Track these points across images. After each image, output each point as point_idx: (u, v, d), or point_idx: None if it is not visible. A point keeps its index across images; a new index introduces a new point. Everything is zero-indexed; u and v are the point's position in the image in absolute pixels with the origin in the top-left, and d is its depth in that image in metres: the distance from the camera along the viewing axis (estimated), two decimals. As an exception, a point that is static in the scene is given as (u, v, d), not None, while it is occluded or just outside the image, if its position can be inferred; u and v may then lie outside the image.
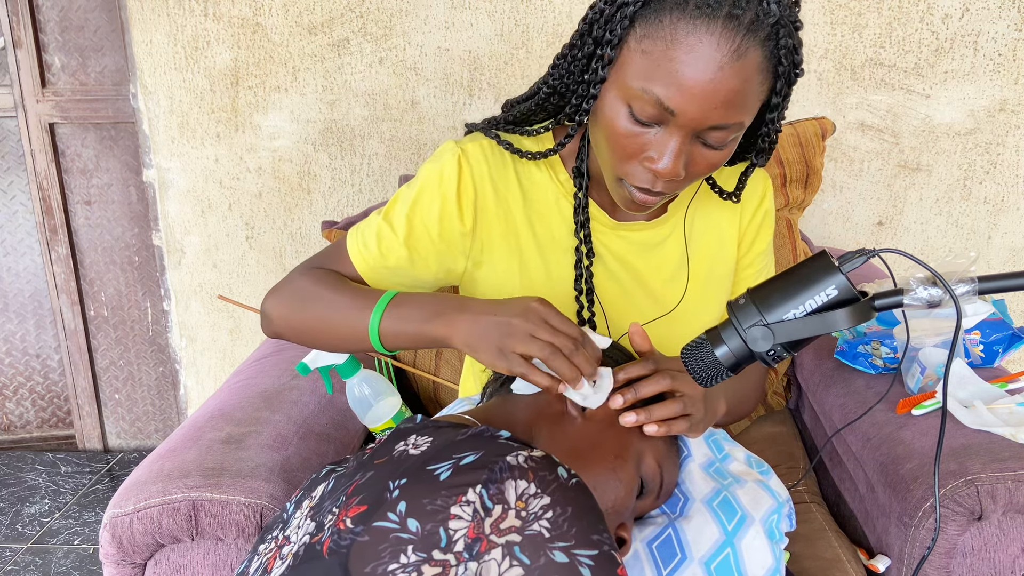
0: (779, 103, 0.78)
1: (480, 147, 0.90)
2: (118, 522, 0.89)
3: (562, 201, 0.93)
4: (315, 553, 0.57)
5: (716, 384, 0.75)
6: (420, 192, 0.90)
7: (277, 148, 1.86)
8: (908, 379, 1.14)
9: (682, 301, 0.96)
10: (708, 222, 0.98)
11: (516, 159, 0.92)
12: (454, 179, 0.88)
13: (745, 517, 0.76)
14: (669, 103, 0.71)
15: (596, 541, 0.54)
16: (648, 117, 0.73)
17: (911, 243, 1.88)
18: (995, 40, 1.70)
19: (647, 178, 0.77)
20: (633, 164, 0.77)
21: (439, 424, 0.68)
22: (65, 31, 1.99)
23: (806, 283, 0.66)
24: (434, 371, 1.43)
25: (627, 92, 0.73)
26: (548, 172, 0.93)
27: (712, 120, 0.72)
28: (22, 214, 2.16)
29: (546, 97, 0.86)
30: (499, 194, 0.91)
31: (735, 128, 0.74)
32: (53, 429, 2.34)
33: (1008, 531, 0.91)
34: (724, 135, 0.74)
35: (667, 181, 0.77)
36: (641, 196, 0.80)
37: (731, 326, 0.70)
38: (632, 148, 0.76)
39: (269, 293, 0.92)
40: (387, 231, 0.90)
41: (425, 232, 0.90)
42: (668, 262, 0.96)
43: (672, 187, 0.79)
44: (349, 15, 1.75)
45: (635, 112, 0.73)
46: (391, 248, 0.90)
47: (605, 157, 0.81)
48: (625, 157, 0.77)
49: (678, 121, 0.72)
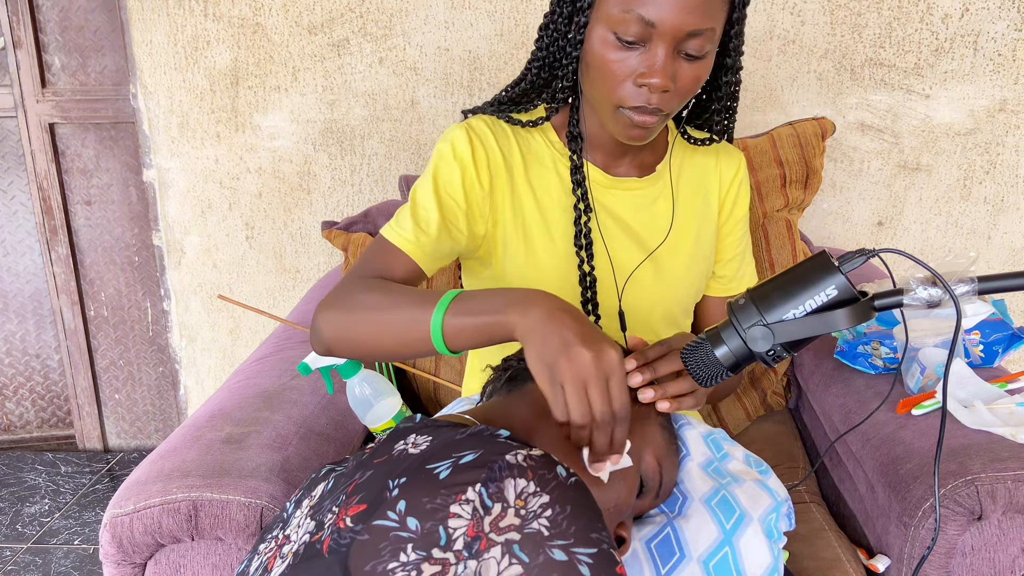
0: (739, 17, 0.88)
1: (482, 120, 0.99)
2: (118, 522, 0.89)
3: (559, 164, 1.00)
4: (315, 552, 0.57)
5: (716, 384, 0.75)
6: (437, 168, 0.96)
7: (277, 148, 1.86)
8: (908, 379, 1.14)
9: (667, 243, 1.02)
10: (693, 176, 1.07)
11: (516, 130, 1.00)
12: (467, 147, 0.95)
13: (743, 516, 0.76)
14: (649, 16, 0.80)
15: (595, 539, 0.54)
16: (633, 35, 0.82)
17: (911, 243, 1.89)
18: (995, 40, 1.71)
19: (642, 95, 0.85)
20: (627, 86, 0.85)
21: (438, 423, 0.68)
22: (65, 31, 1.99)
23: (806, 283, 0.66)
24: (434, 371, 1.43)
25: (610, 21, 0.83)
26: (544, 140, 1.01)
27: (688, 25, 0.81)
28: (22, 214, 2.16)
29: (537, 71, 0.96)
30: (506, 160, 0.98)
31: (709, 34, 0.83)
32: (53, 429, 2.35)
33: (1008, 531, 0.91)
34: (701, 42, 0.83)
35: (660, 94, 0.84)
36: (639, 117, 0.87)
37: (731, 326, 0.70)
38: (624, 71, 0.85)
39: (319, 308, 0.89)
40: (418, 209, 0.95)
41: (452, 200, 0.95)
42: (659, 219, 1.03)
43: (665, 101, 0.86)
44: (349, 15, 1.76)
45: (621, 35, 0.83)
46: (427, 220, 0.94)
47: (600, 93, 0.88)
48: (618, 81, 0.85)
49: (659, 31, 0.81)
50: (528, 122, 0.99)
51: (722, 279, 1.11)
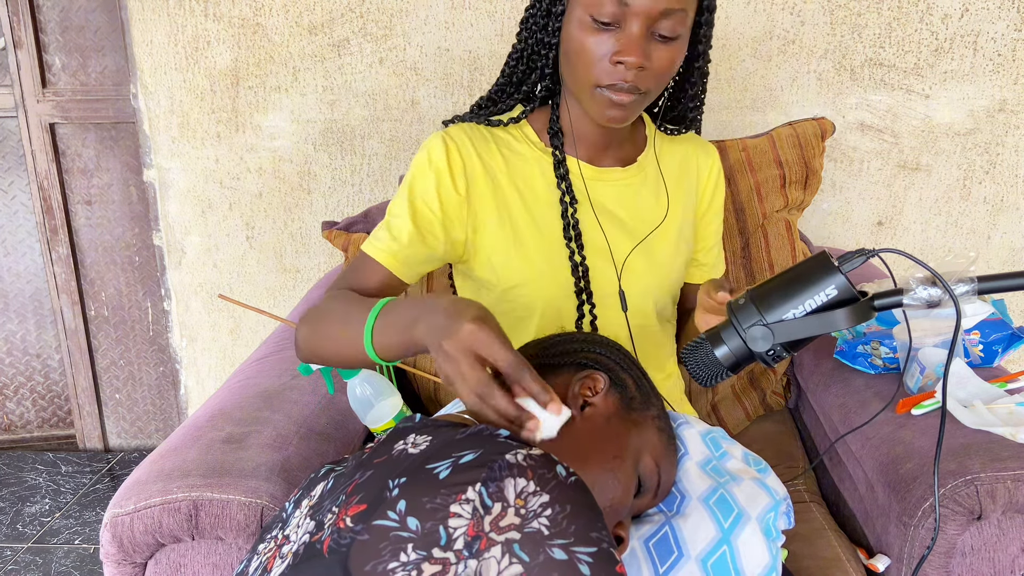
0: (710, 4, 0.91)
1: (460, 127, 1.01)
2: (119, 521, 0.89)
3: (542, 161, 1.03)
4: (315, 552, 0.57)
5: (716, 384, 0.75)
6: (414, 178, 0.99)
7: (277, 148, 1.87)
8: (908, 379, 1.14)
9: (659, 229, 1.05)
10: (674, 165, 1.10)
11: (495, 135, 1.02)
12: (443, 155, 0.98)
13: (742, 515, 0.76)
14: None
15: (595, 539, 0.54)
16: (608, 16, 0.85)
17: (911, 243, 1.89)
18: (995, 40, 1.71)
19: (618, 72, 0.88)
20: (603, 65, 0.88)
21: (438, 423, 0.68)
22: (65, 31, 1.99)
23: (806, 283, 0.66)
24: (434, 371, 1.43)
25: (586, 4, 0.86)
26: (524, 140, 1.03)
27: (660, 4, 0.84)
28: (22, 214, 2.16)
29: (515, 64, 1.00)
30: (485, 164, 1.00)
31: (681, 16, 0.86)
32: (53, 429, 2.35)
33: (1008, 531, 0.91)
34: (673, 23, 0.86)
35: (636, 71, 0.87)
36: (616, 96, 0.90)
37: (731, 326, 0.70)
38: (600, 51, 0.88)
39: (299, 322, 0.95)
40: (393, 220, 0.98)
41: (427, 208, 0.98)
42: (644, 208, 1.06)
43: (641, 79, 0.89)
44: (349, 15, 1.76)
45: (596, 16, 0.86)
46: (401, 230, 0.97)
47: (579, 75, 0.91)
48: (595, 61, 0.88)
49: (632, 10, 0.84)
50: (509, 120, 1.02)
51: (704, 266, 1.17)
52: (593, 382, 0.79)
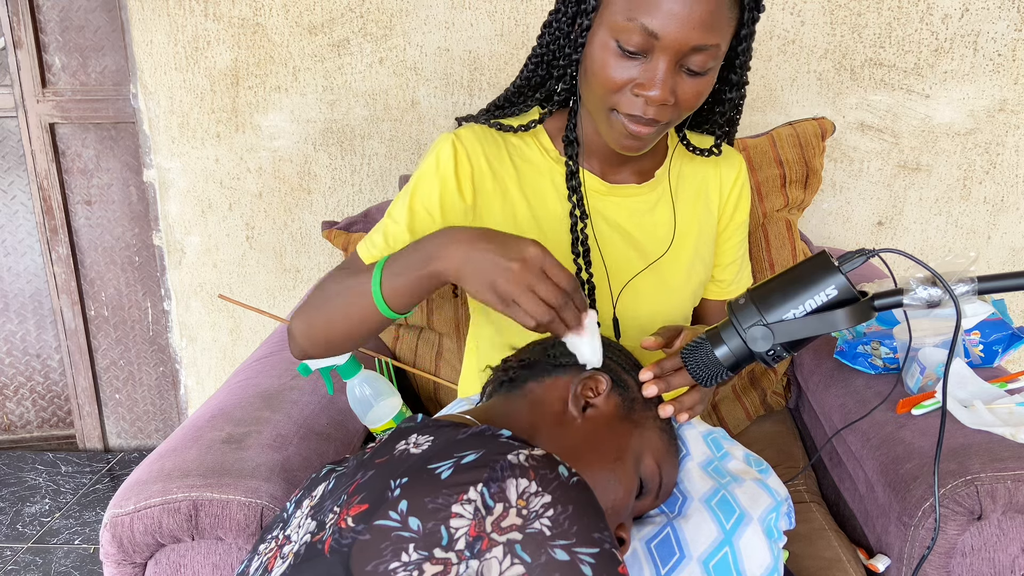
0: (747, 34, 0.84)
1: (472, 130, 0.96)
2: (118, 522, 0.89)
3: (554, 171, 0.98)
4: (316, 552, 0.57)
5: (716, 384, 0.75)
6: (419, 181, 0.94)
7: (277, 148, 1.87)
8: (908, 379, 1.14)
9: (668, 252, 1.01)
10: (694, 183, 1.05)
11: (507, 140, 0.98)
12: (451, 160, 0.93)
13: (743, 516, 0.76)
14: (653, 27, 0.77)
15: (597, 539, 0.54)
16: (635, 46, 0.79)
17: (911, 243, 1.89)
18: (995, 40, 1.71)
19: (638, 105, 0.83)
20: (624, 93, 0.83)
21: (440, 423, 0.68)
22: (65, 31, 1.99)
23: (806, 283, 0.66)
24: (434, 371, 1.43)
25: (614, 27, 0.80)
26: (538, 148, 0.98)
27: (692, 41, 0.78)
28: (22, 214, 2.16)
29: (534, 67, 0.94)
30: (495, 171, 0.96)
31: (713, 51, 0.80)
32: (53, 429, 2.35)
33: (1008, 531, 0.91)
34: (704, 58, 0.80)
35: (658, 107, 0.82)
36: (633, 126, 0.85)
37: (731, 326, 0.70)
38: (622, 79, 0.82)
39: (291, 320, 0.94)
40: (391, 225, 0.94)
41: (428, 215, 0.93)
42: (659, 226, 1.02)
43: (663, 114, 0.83)
44: (349, 15, 1.76)
45: (623, 44, 0.80)
46: (397, 238, 0.93)
47: (597, 96, 0.86)
48: (616, 88, 0.83)
49: (662, 44, 0.78)
50: (520, 127, 0.97)
51: (721, 283, 1.12)
52: (595, 383, 0.79)
